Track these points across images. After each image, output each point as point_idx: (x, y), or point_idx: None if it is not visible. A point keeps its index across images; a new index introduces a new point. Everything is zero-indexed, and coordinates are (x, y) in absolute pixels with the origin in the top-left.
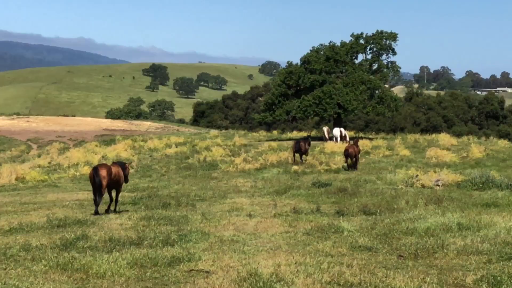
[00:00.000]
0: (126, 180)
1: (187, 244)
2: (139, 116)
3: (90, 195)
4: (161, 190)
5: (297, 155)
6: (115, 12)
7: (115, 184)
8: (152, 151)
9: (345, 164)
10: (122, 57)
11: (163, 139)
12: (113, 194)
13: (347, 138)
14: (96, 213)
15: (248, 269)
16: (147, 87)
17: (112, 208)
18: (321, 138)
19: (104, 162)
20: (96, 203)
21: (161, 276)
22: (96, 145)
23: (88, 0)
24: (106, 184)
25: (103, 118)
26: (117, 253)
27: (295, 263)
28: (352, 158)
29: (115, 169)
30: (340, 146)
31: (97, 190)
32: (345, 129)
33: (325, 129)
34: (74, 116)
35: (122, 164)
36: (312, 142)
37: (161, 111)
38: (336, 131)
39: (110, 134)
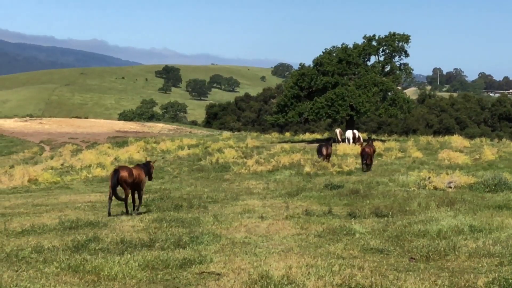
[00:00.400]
0: (150, 178)
1: (199, 246)
2: (152, 118)
3: (102, 197)
4: (173, 192)
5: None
6: (128, 14)
7: (136, 186)
8: (164, 153)
9: (360, 165)
10: (135, 59)
11: (175, 141)
12: (135, 195)
13: (361, 140)
14: (109, 213)
15: (259, 271)
16: (160, 89)
17: (130, 209)
18: (334, 140)
19: (117, 164)
20: (124, 202)
21: (172, 278)
22: (109, 147)
23: (101, 2)
24: (129, 186)
25: (115, 120)
26: (129, 255)
27: (307, 266)
28: (368, 158)
29: (136, 172)
30: (352, 148)
31: (114, 191)
32: (358, 131)
33: (337, 131)
34: (86, 118)
35: (147, 164)
36: None
37: (174, 113)
38: (349, 133)
39: (123, 136)
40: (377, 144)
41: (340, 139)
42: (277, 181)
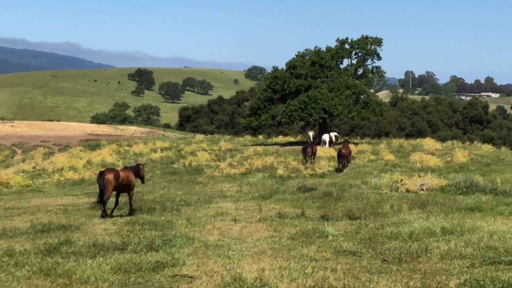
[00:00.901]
0: (143, 181)
1: (172, 249)
2: (125, 121)
3: (75, 200)
4: (146, 195)
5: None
6: (101, 17)
7: (125, 188)
8: (137, 156)
9: (332, 168)
10: (108, 61)
11: (148, 144)
12: (123, 198)
13: (338, 141)
14: (104, 215)
15: (232, 274)
16: (133, 92)
17: (113, 212)
18: (306, 143)
19: (89, 166)
20: (103, 206)
21: (145, 281)
22: (81, 150)
23: (74, 4)
24: (112, 188)
25: (88, 123)
26: (101, 258)
27: (280, 268)
28: (344, 159)
29: (123, 174)
30: (325, 151)
31: (101, 193)
32: (334, 134)
33: (310, 133)
34: (59, 120)
35: (135, 167)
36: (297, 147)
37: (147, 116)
38: (326, 136)
39: (95, 139)
40: (350, 147)
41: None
42: (250, 184)
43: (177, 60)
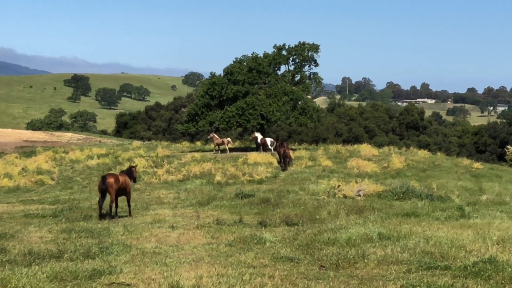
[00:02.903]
0: (135, 181)
1: (108, 256)
2: (61, 127)
3: (10, 208)
4: (82, 202)
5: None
6: (37, 22)
7: (123, 191)
8: (73, 162)
9: (270, 174)
10: (44, 67)
11: (85, 150)
12: (119, 201)
13: (274, 144)
14: (101, 216)
15: (170, 281)
16: (69, 98)
17: (114, 213)
18: (245, 149)
19: (25, 174)
20: (100, 208)
21: None
22: (16, 157)
23: (8, 8)
24: (115, 191)
25: (23, 130)
26: (37, 267)
27: (217, 275)
28: (289, 158)
29: (122, 178)
30: (263, 157)
31: (103, 196)
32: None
33: (257, 134)
34: None
35: (129, 170)
36: (234, 153)
37: (83, 122)
38: (269, 140)
39: (31, 146)
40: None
41: (260, 142)
42: (188, 191)
43: (114, 66)
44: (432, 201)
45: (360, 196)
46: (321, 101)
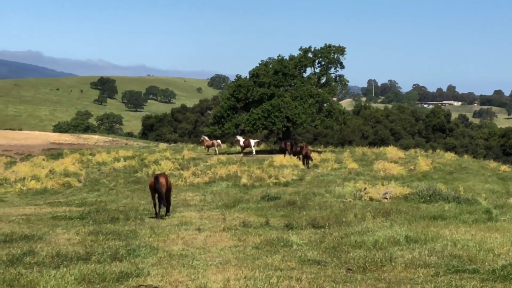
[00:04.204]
0: None
1: (136, 259)
2: (87, 129)
3: (37, 210)
4: (109, 204)
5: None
6: (64, 25)
7: (168, 191)
8: (100, 165)
9: (296, 177)
10: (70, 70)
11: (111, 153)
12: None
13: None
14: (157, 215)
15: (197, 284)
16: (95, 100)
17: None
18: (270, 152)
19: (52, 176)
20: (156, 208)
21: None
22: (44, 159)
23: (36, 12)
24: (166, 191)
25: (50, 132)
26: (65, 269)
27: (245, 278)
28: (309, 158)
29: (168, 178)
30: (288, 160)
31: (160, 196)
32: (294, 142)
33: (239, 137)
34: (20, 129)
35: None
36: (260, 156)
37: (110, 125)
38: (252, 141)
39: (58, 148)
40: (313, 156)
41: (243, 145)
42: (214, 193)
43: (139, 68)
44: (459, 204)
45: (386, 198)
46: (347, 104)
